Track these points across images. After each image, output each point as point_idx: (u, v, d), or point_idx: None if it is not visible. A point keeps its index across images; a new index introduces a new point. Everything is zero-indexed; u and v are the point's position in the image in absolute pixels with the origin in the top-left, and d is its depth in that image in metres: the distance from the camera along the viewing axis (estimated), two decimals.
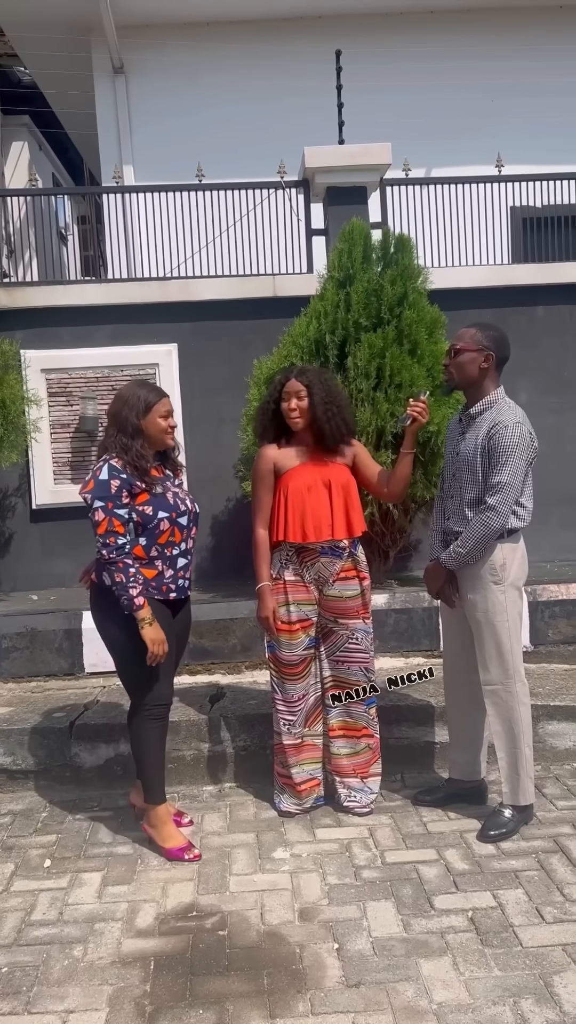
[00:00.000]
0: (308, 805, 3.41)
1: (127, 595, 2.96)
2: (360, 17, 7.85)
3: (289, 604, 3.28)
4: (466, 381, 3.15)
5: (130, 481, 3.00)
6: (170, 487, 3.16)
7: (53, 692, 4.38)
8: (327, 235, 5.92)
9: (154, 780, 3.15)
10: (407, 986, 2.33)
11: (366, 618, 3.37)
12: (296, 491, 3.24)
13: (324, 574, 3.29)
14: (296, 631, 3.29)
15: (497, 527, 3.03)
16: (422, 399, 3.26)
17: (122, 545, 2.97)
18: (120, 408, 3.08)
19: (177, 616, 3.21)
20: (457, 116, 7.69)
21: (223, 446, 5.61)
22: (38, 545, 5.86)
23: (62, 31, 7.74)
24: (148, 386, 3.17)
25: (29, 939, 2.65)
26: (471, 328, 3.17)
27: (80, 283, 6.83)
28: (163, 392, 3.17)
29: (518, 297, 6.00)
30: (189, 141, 7.34)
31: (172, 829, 3.16)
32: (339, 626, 3.34)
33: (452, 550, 3.12)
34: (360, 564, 3.36)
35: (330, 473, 3.28)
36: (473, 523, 3.06)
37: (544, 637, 4.80)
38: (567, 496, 5.92)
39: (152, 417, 3.07)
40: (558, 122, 7.69)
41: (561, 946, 2.47)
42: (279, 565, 3.31)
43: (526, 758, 3.13)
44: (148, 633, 2.97)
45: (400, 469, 3.33)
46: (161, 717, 3.14)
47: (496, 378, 3.17)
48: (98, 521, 2.97)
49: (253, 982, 2.38)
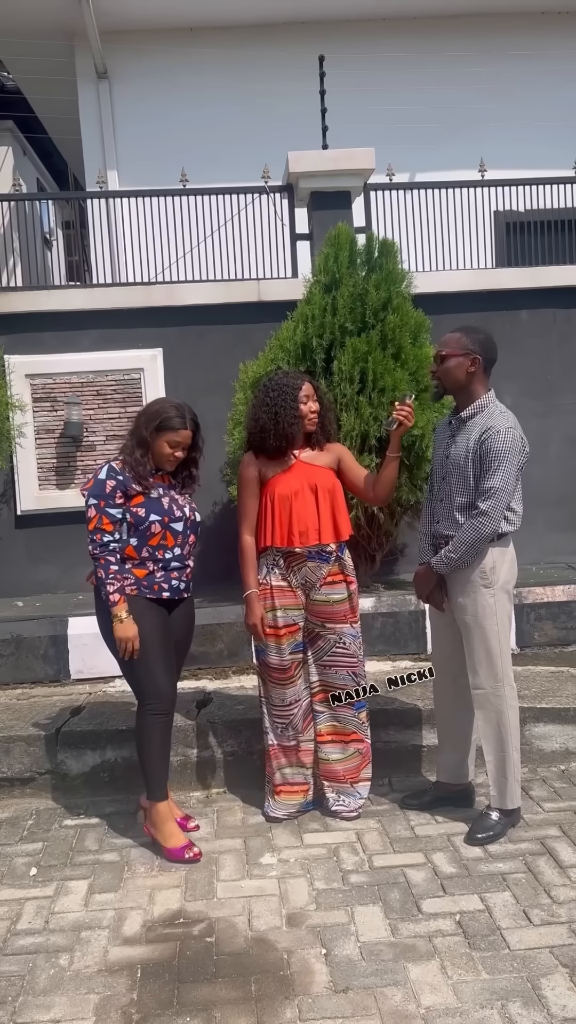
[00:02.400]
0: (297, 810, 3.41)
1: (105, 590, 3.07)
2: (343, 23, 7.87)
3: (276, 609, 3.28)
4: (455, 386, 3.15)
5: (127, 483, 3.08)
6: (170, 493, 3.21)
7: (39, 699, 4.35)
8: (311, 240, 5.93)
9: (155, 778, 3.17)
10: (395, 991, 2.33)
11: (354, 622, 3.37)
12: (283, 496, 3.24)
13: (311, 579, 3.29)
14: (283, 635, 3.29)
15: (489, 532, 3.03)
16: (408, 402, 3.26)
17: (107, 543, 3.07)
18: (141, 416, 3.19)
19: (173, 615, 3.24)
20: (440, 121, 7.73)
21: (209, 450, 5.50)
22: (23, 551, 5.83)
23: (45, 36, 7.73)
24: (177, 409, 3.16)
25: (15, 948, 2.63)
26: (456, 332, 3.17)
27: (65, 288, 6.79)
28: (183, 424, 3.14)
29: (502, 301, 6.03)
30: (173, 146, 7.35)
31: (173, 827, 3.16)
32: (326, 631, 3.33)
33: (443, 555, 3.11)
34: (347, 568, 3.36)
35: (316, 477, 3.28)
36: (465, 528, 3.06)
37: (530, 639, 4.81)
38: (552, 499, 5.94)
39: (160, 439, 3.13)
40: (541, 127, 7.73)
41: (548, 948, 2.48)
42: (265, 570, 3.31)
43: (514, 762, 3.13)
44: (118, 629, 3.07)
45: (385, 473, 3.34)
46: (161, 714, 3.15)
47: (485, 381, 3.17)
48: (90, 517, 3.08)
49: (241, 989, 2.37)
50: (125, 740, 3.67)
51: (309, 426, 3.30)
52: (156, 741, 3.15)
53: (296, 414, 3.25)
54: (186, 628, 3.35)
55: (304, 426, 3.29)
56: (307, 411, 3.27)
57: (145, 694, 3.14)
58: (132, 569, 3.12)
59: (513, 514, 3.12)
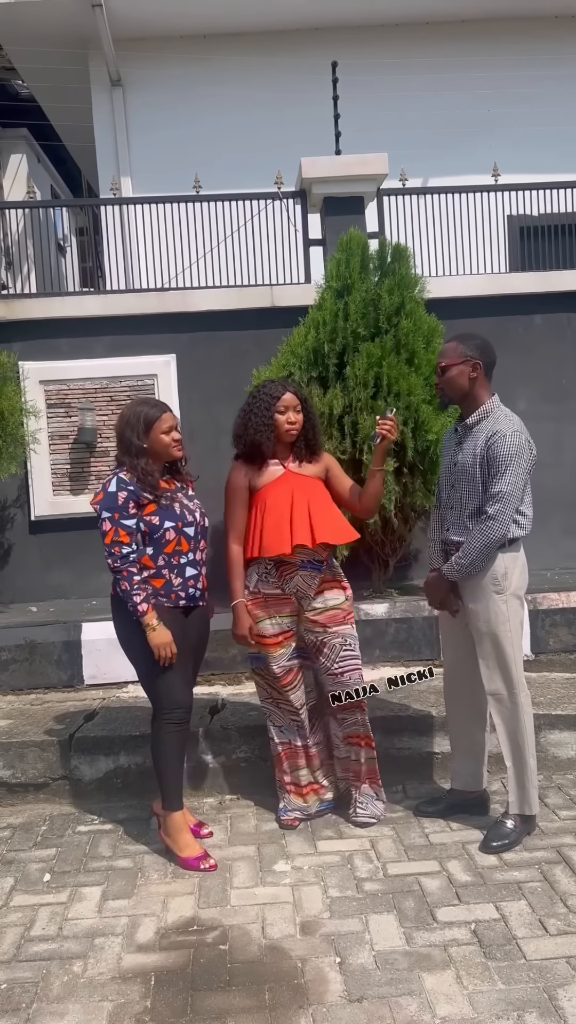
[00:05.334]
0: (313, 810, 3.40)
1: (132, 602, 3.04)
2: (356, 29, 7.88)
3: (269, 619, 3.28)
4: (459, 394, 3.16)
5: (137, 492, 3.07)
6: (180, 498, 3.20)
7: (52, 704, 4.36)
8: (324, 245, 5.93)
9: (170, 787, 3.16)
10: (410, 1000, 2.31)
11: (352, 623, 3.35)
12: (273, 505, 3.22)
13: (304, 588, 3.27)
14: (277, 643, 3.28)
15: (498, 536, 3.02)
16: (389, 416, 3.26)
17: (127, 554, 3.04)
18: (123, 429, 3.14)
19: (189, 622, 3.22)
20: (453, 126, 7.72)
21: (222, 456, 5.53)
22: (37, 557, 5.85)
23: (60, 44, 7.77)
24: (149, 402, 3.19)
25: (29, 955, 2.63)
26: (451, 342, 3.18)
27: (78, 295, 6.83)
28: (164, 407, 3.17)
29: (515, 306, 6.01)
30: (186, 153, 7.36)
31: (188, 838, 3.15)
32: (330, 635, 3.28)
33: (454, 562, 3.10)
34: (339, 575, 3.36)
35: (305, 486, 3.28)
36: (474, 533, 3.04)
37: (545, 645, 4.78)
38: (567, 503, 5.91)
39: (155, 434, 3.11)
40: (554, 131, 7.72)
41: (565, 958, 2.45)
42: (256, 579, 3.29)
43: (531, 768, 3.11)
44: (153, 638, 3.04)
45: (371, 486, 3.32)
46: (178, 723, 3.14)
47: (487, 385, 3.16)
48: (105, 531, 3.05)
49: (255, 997, 2.36)
50: (138, 746, 3.67)
51: (286, 436, 3.27)
52: (172, 751, 3.14)
53: (266, 423, 3.24)
54: (202, 635, 3.34)
55: (280, 435, 3.26)
56: (283, 421, 3.24)
57: (162, 704, 3.13)
58: (149, 580, 3.10)
59: (523, 518, 3.10)
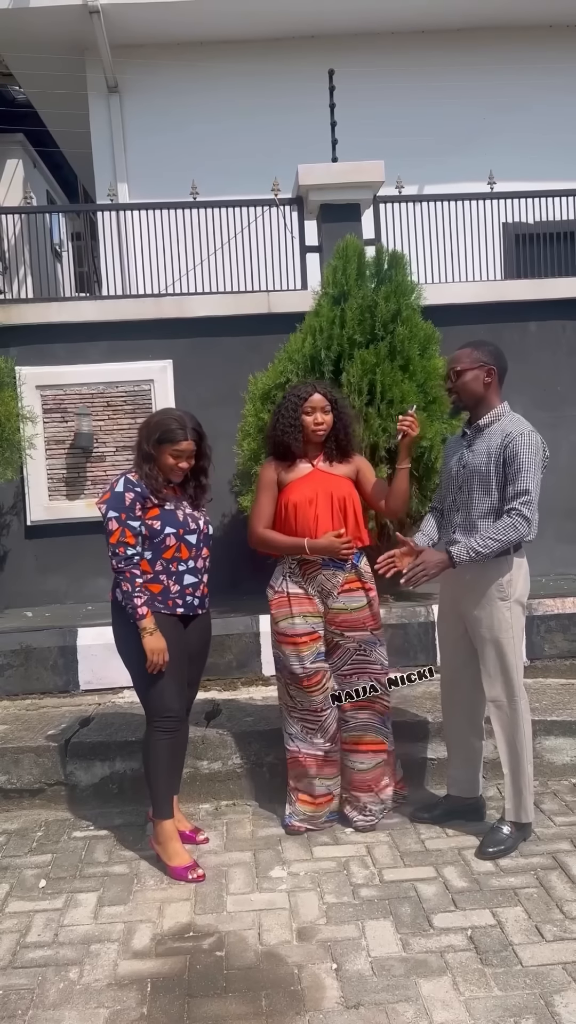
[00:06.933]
0: (322, 820, 3.39)
1: (131, 604, 3.04)
2: (353, 36, 7.93)
3: (294, 617, 3.27)
4: (473, 399, 3.18)
5: (144, 494, 3.08)
6: (185, 505, 3.20)
7: (48, 710, 4.35)
8: (321, 252, 5.96)
9: (160, 795, 3.14)
10: (407, 1007, 2.31)
11: (375, 629, 3.35)
12: (299, 503, 3.25)
13: (326, 586, 3.28)
14: (303, 643, 3.27)
15: (523, 534, 3.01)
16: (410, 413, 3.28)
17: (131, 556, 3.05)
18: (143, 430, 3.17)
19: (188, 630, 3.21)
20: (449, 134, 7.77)
21: (218, 462, 5.53)
22: (33, 562, 5.85)
23: (57, 51, 7.80)
24: (177, 421, 3.11)
25: (24, 961, 2.62)
26: (466, 348, 3.21)
27: (75, 300, 6.83)
28: (184, 435, 3.09)
29: (511, 313, 6.04)
30: (183, 159, 7.39)
31: (177, 846, 3.13)
32: (345, 639, 3.31)
33: (471, 547, 3.01)
34: (365, 576, 3.35)
35: (333, 485, 3.30)
36: (502, 524, 3.00)
37: (540, 651, 4.79)
38: (562, 510, 5.93)
39: (163, 451, 3.11)
40: (549, 139, 7.77)
41: (561, 965, 2.46)
42: (282, 578, 3.32)
43: (528, 775, 3.12)
44: (147, 642, 3.04)
45: (397, 484, 3.34)
46: (167, 730, 3.12)
47: (499, 391, 3.20)
48: (111, 531, 3.05)
49: (251, 1004, 2.36)
50: (134, 751, 3.67)
51: (314, 437, 3.30)
52: (162, 759, 3.13)
53: (293, 423, 3.27)
54: (201, 643, 3.32)
55: (307, 436, 3.29)
56: (310, 422, 3.27)
57: (153, 711, 3.12)
58: (146, 585, 3.08)
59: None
